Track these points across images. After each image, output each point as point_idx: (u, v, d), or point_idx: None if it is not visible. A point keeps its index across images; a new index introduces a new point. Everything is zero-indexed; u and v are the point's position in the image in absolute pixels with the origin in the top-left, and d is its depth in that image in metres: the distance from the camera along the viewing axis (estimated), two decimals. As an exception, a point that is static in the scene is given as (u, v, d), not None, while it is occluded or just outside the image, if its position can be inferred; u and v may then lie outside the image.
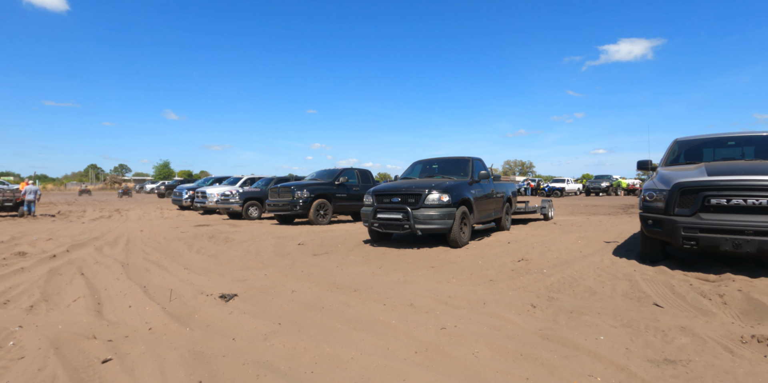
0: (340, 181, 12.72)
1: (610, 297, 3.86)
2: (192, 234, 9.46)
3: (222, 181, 21.65)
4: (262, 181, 16.68)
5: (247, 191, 15.19)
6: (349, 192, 13.04)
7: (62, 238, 8.88)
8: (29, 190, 17.13)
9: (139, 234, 9.80)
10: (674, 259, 5.58)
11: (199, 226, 11.71)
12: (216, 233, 9.71)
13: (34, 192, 17.10)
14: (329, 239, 8.48)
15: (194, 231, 10.35)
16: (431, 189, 6.94)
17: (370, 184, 13.92)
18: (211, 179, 22.79)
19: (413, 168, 9.12)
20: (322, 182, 12.69)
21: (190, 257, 6.42)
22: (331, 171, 13.46)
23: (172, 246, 7.59)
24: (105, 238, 8.96)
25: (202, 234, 9.56)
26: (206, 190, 18.03)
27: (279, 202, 12.09)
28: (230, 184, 19.48)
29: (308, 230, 10.36)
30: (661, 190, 5.02)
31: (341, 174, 13.13)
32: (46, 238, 8.82)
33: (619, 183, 39.50)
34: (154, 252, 6.88)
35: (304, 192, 11.82)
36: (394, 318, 3.27)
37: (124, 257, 6.44)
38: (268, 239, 8.55)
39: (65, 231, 10.64)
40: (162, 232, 10.10)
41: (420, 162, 9.27)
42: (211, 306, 3.66)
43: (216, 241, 8.33)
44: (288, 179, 16.31)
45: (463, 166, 8.49)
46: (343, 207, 12.91)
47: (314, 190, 12.06)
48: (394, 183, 7.78)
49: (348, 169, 13.55)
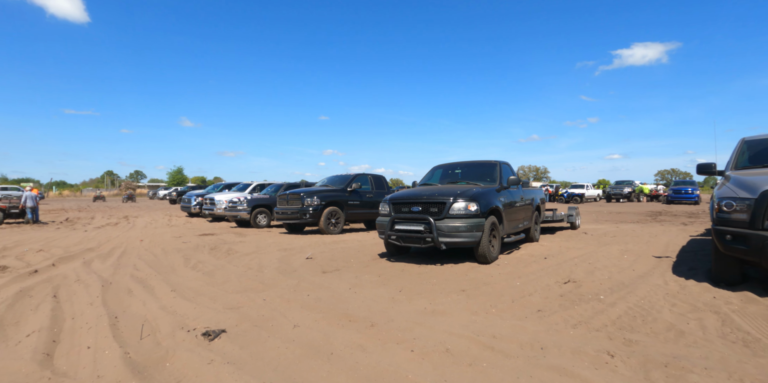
0: (352, 187, 11.94)
1: (704, 339, 2.96)
2: (193, 245, 8.75)
3: (232, 187, 21.08)
4: (272, 188, 16.01)
5: (255, 198, 14.51)
6: (362, 199, 12.24)
7: (55, 249, 8.24)
8: (28, 196, 16.68)
9: (138, 244, 9.13)
10: (755, 281, 4.63)
11: (203, 236, 11.02)
12: (219, 244, 8.99)
13: (32, 198, 16.67)
14: (341, 252, 7.67)
15: (197, 241, 9.64)
16: (457, 197, 6.09)
17: (384, 191, 13.12)
18: (221, 185, 22.25)
19: (433, 173, 8.28)
20: (334, 189, 11.92)
21: (184, 274, 5.66)
22: (343, 177, 12.69)
23: (167, 260, 6.86)
24: (100, 249, 8.30)
25: (204, 244, 8.84)
26: (214, 197, 17.42)
27: (288, 210, 11.34)
28: (239, 191, 18.87)
29: (318, 240, 9.58)
30: (743, 199, 4.09)
31: (354, 180, 12.35)
32: (38, 249, 8.20)
33: (641, 188, 38.02)
34: (146, 267, 6.15)
35: (315, 200, 11.06)
36: (429, 375, 2.42)
37: (111, 273, 5.71)
38: (274, 251, 7.78)
39: (63, 240, 10.04)
40: (162, 242, 9.42)
41: (440, 166, 8.43)
42: (190, 349, 2.86)
43: (217, 254, 7.59)
44: (299, 185, 15.61)
45: (490, 171, 7.62)
46: (355, 215, 12.11)
47: (325, 197, 11.29)
48: (413, 190, 6.94)
49: (361, 174, 12.77)
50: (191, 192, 21.43)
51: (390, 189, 13.53)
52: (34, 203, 16.58)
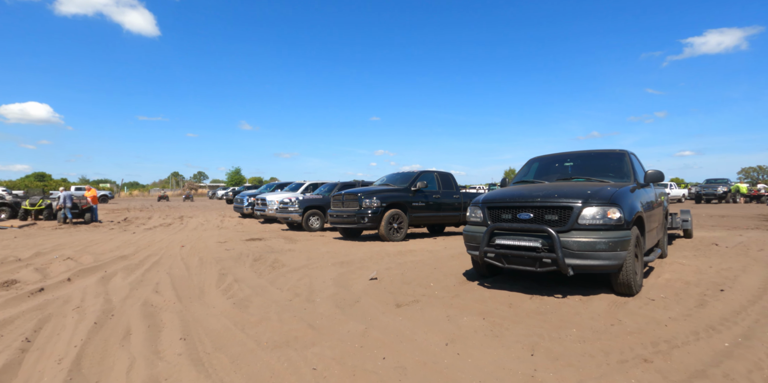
0: (417, 186, 10.23)
1: None
2: (236, 254, 7.45)
3: (284, 186, 20.14)
4: (325, 187, 14.69)
5: (307, 199, 13.24)
6: (427, 200, 10.51)
7: (86, 257, 7.26)
8: (64, 196, 16.50)
9: (176, 251, 8.01)
10: None
11: (249, 241, 9.81)
12: (265, 253, 7.63)
13: (68, 197, 16.49)
14: (413, 269, 5.98)
15: (241, 248, 8.38)
16: (589, 199, 4.19)
17: (452, 190, 11.30)
18: (273, 185, 21.43)
19: (529, 167, 6.37)
20: (396, 188, 10.28)
21: (211, 302, 4.23)
22: (406, 174, 11.01)
23: (199, 277, 5.53)
24: (134, 257, 7.21)
25: (247, 253, 7.52)
26: (266, 197, 16.44)
27: (343, 213, 9.86)
28: (291, 191, 17.81)
29: (380, 250, 7.97)
30: None
31: (418, 178, 10.64)
32: (69, 256, 7.25)
33: (737, 188, 33.08)
34: (169, 288, 4.80)
35: (374, 201, 9.48)
36: None
37: (122, 297, 4.41)
38: (328, 266, 6.24)
39: (103, 244, 9.20)
40: (203, 249, 8.25)
41: (539, 159, 6.50)
42: None
43: (260, 267, 6.18)
44: (353, 185, 14.16)
45: (616, 164, 5.60)
46: (420, 218, 10.39)
47: (386, 198, 9.68)
48: (516, 189, 5.06)
49: (426, 171, 11.03)
50: (244, 193, 20.75)
51: (459, 188, 11.69)
52: (69, 202, 16.38)
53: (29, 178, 66.76)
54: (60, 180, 66.87)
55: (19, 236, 11.40)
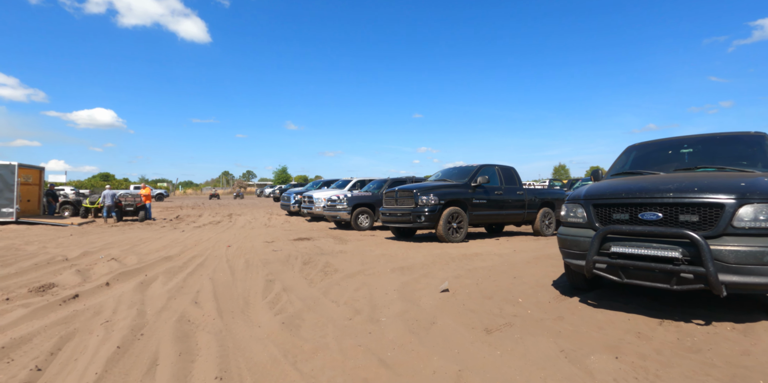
0: (477, 181, 9.23)
1: None
2: (283, 256, 6.84)
3: (330, 184, 19.68)
4: (374, 184, 13.97)
5: (356, 196, 12.56)
6: (489, 197, 9.48)
7: (131, 257, 6.91)
8: (106, 194, 16.73)
9: (222, 251, 7.53)
10: None
11: (297, 241, 9.23)
12: (314, 255, 6.97)
13: (111, 196, 16.72)
14: (487, 277, 5.06)
15: (289, 249, 7.79)
16: (746, 193, 3.09)
17: (515, 186, 10.19)
18: (319, 182, 21.02)
19: (628, 156, 5.24)
20: (454, 184, 9.33)
21: (256, 318, 3.54)
22: (465, 169, 10.02)
23: (244, 284, 4.91)
24: (178, 258, 6.78)
25: (296, 255, 6.89)
26: (313, 195, 15.98)
27: (397, 211, 9.05)
28: (338, 188, 17.27)
29: (441, 253, 7.09)
30: None
31: (478, 172, 9.62)
32: (114, 257, 6.93)
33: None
34: (210, 298, 4.18)
35: (431, 198, 8.59)
36: None
37: (158, 309, 3.82)
38: (387, 272, 5.45)
39: (151, 243, 8.94)
40: (250, 250, 7.72)
41: (639, 146, 5.33)
42: None
43: (310, 273, 5.49)
44: (404, 181, 13.33)
45: (753, 151, 4.38)
46: (482, 217, 9.39)
47: (444, 195, 8.76)
48: (629, 181, 3.96)
49: (487, 165, 9.99)
50: (291, 190, 20.52)
51: (522, 183, 10.55)
52: (111, 201, 16.61)
53: (95, 178, 71.50)
54: (122, 179, 71.06)
55: (75, 234, 11.53)
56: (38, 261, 6.67)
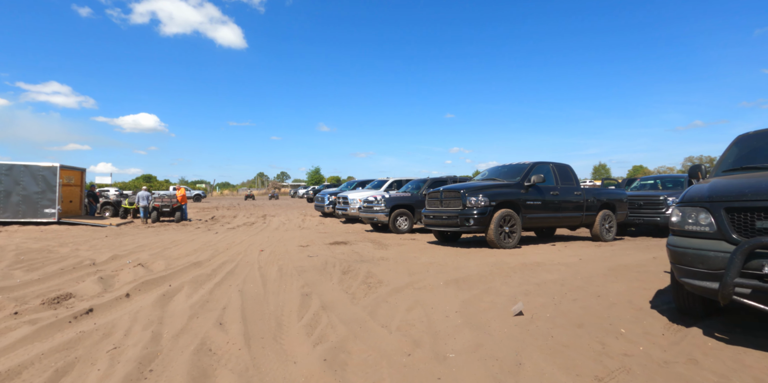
0: (531, 180, 8.29)
1: None
2: (320, 264, 6.19)
3: (365, 184, 19.06)
4: (413, 184, 13.19)
5: (394, 197, 11.82)
6: (544, 197, 8.51)
7: (159, 262, 6.46)
8: (141, 196, 16.76)
9: (254, 257, 6.98)
10: None
11: (333, 245, 8.59)
12: (354, 262, 6.28)
13: (145, 198, 16.69)
14: (562, 294, 4.20)
15: (325, 254, 7.14)
16: None
17: (572, 185, 9.17)
18: (354, 183, 20.47)
19: (743, 148, 4.23)
20: (505, 183, 8.42)
21: (289, 350, 2.85)
22: (516, 167, 9.09)
23: (278, 297, 4.26)
24: (208, 264, 6.26)
25: (334, 262, 6.22)
26: (348, 195, 15.39)
27: (442, 213, 8.24)
28: (374, 188, 16.61)
29: (496, 261, 6.23)
30: None
31: (532, 170, 8.67)
32: (141, 262, 6.50)
33: None
34: (237, 319, 3.54)
35: (481, 199, 7.73)
36: None
37: (176, 331, 3.21)
38: (440, 286, 4.67)
39: (182, 247, 8.55)
40: (283, 255, 7.14)
41: (751, 136, 4.31)
42: None
43: (351, 285, 4.80)
44: (445, 181, 12.48)
45: None
46: (536, 220, 8.44)
47: (495, 196, 7.88)
48: None
49: (541, 163, 9.02)
50: (325, 191, 20.05)
51: (579, 182, 9.51)
52: (147, 202, 16.60)
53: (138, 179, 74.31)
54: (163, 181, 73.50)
55: (110, 235, 11.39)
56: (65, 265, 6.32)
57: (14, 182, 14.61)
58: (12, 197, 14.52)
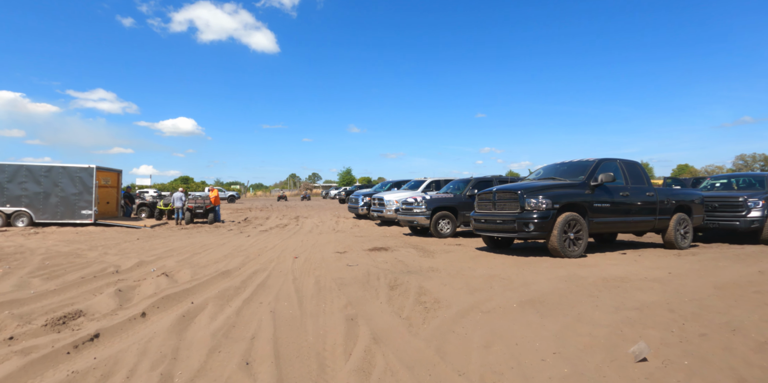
0: (599, 180, 7.23)
1: None
2: (362, 274, 5.42)
3: (401, 185, 18.24)
4: (454, 185, 12.26)
5: (436, 198, 10.94)
6: (613, 199, 7.43)
7: (185, 271, 5.87)
8: (176, 197, 16.52)
9: (288, 265, 6.30)
10: None
11: (373, 251, 7.82)
12: (400, 273, 5.47)
13: (179, 199, 16.48)
14: (681, 326, 3.22)
15: (366, 263, 6.37)
16: None
17: (643, 185, 8.04)
18: (388, 183, 19.70)
19: None
20: (568, 183, 7.39)
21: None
22: (578, 164, 8.03)
23: (317, 322, 3.51)
24: (238, 274, 5.62)
25: (377, 274, 5.43)
26: (384, 196, 14.63)
27: (496, 217, 7.30)
28: (411, 189, 15.77)
29: (568, 274, 5.26)
30: None
31: (598, 168, 7.60)
32: (167, 271, 5.94)
33: None
34: (267, 355, 2.80)
35: (542, 201, 6.75)
36: None
37: (192, 374, 2.50)
38: (515, 310, 3.78)
39: (212, 252, 8.00)
40: (320, 263, 6.42)
41: None
42: None
43: (403, 305, 3.98)
44: (490, 180, 11.49)
45: None
46: (603, 225, 7.36)
47: (559, 197, 6.87)
48: None
49: (607, 160, 7.92)
50: (358, 192, 19.36)
51: (651, 182, 8.33)
52: (181, 204, 16.39)
53: (176, 181, 76.46)
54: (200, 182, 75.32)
55: (142, 237, 11.08)
56: (87, 273, 5.83)
57: (53, 184, 14.70)
58: (51, 198, 14.61)
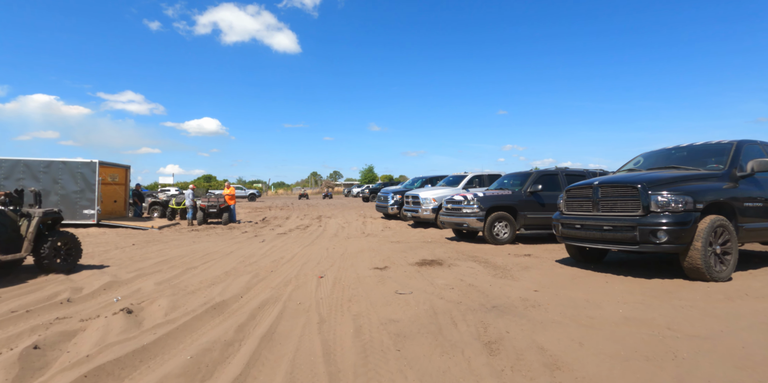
0: (747, 169, 5.07)
1: None
2: (425, 314, 3.46)
3: (434, 181, 16.15)
4: (509, 179, 10.11)
5: (491, 196, 8.87)
6: (765, 195, 5.24)
7: (162, 301, 4.03)
8: (188, 194, 14.95)
9: (311, 291, 4.39)
10: None
11: (424, 266, 5.83)
12: (482, 311, 3.48)
13: (189, 197, 14.88)
14: None
15: (423, 289, 4.40)
16: None
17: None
18: (420, 179, 17.54)
19: None
20: (703, 174, 5.22)
21: None
22: (706, 148, 5.84)
23: None
24: (235, 309, 3.75)
25: (448, 310, 3.45)
26: (419, 194, 12.62)
27: (602, 222, 5.17)
28: (449, 185, 13.70)
29: (750, 312, 3.18)
30: None
31: (740, 154, 5.41)
32: (139, 298, 4.11)
33: None
34: None
35: (678, 199, 4.62)
36: None
37: None
38: None
39: (212, 265, 6.19)
40: (356, 288, 4.49)
41: None
42: None
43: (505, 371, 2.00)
44: (555, 174, 9.34)
45: None
46: (755, 233, 5.18)
47: (700, 193, 4.72)
48: None
49: (749, 142, 5.71)
50: (387, 189, 17.32)
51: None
52: (190, 202, 14.86)
53: (199, 179, 76.33)
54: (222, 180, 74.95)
55: (138, 243, 9.40)
56: (23, 304, 4.07)
57: (53, 180, 13.28)
58: (50, 197, 13.17)
